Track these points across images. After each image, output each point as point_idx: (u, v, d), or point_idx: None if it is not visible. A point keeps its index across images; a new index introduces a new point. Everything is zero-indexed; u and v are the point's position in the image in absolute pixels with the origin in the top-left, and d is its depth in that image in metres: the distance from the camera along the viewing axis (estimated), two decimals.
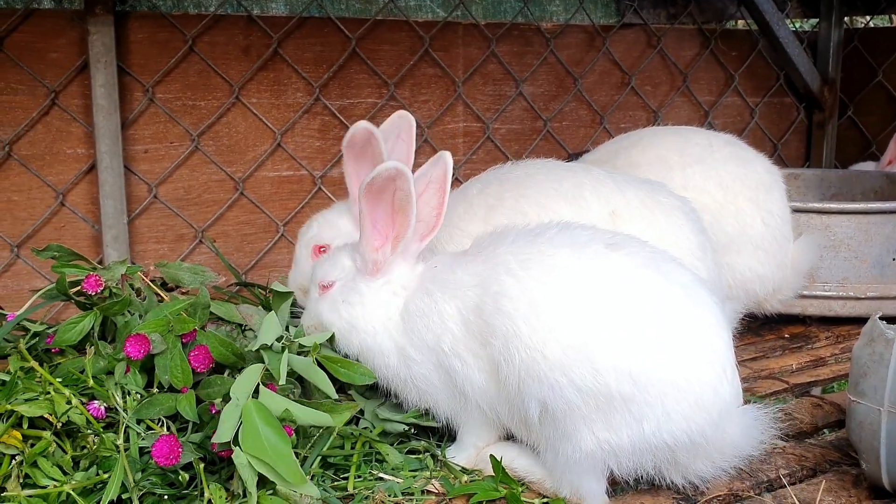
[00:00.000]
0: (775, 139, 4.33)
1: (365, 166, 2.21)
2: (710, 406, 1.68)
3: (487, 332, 1.76)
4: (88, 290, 2.04)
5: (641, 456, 1.69)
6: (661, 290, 1.72)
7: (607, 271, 1.73)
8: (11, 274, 2.84)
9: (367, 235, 1.92)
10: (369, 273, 1.96)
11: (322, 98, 3.24)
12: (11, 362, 1.90)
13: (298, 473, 1.61)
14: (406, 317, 1.92)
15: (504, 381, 1.75)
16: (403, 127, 2.37)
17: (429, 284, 1.92)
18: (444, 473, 1.91)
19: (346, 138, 2.17)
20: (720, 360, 1.71)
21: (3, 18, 2.74)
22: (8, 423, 1.69)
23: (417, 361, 1.90)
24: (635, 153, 2.75)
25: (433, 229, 1.99)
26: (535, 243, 1.81)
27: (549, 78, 3.74)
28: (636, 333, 1.66)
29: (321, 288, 2.04)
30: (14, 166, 2.82)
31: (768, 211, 2.69)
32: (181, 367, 1.86)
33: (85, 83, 2.84)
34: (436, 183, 1.97)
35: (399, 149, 2.36)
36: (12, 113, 2.80)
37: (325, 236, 2.34)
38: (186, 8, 3.04)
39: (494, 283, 1.78)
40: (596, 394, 1.64)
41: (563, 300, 1.70)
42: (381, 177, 1.81)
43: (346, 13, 3.31)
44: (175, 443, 1.66)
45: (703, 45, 4.10)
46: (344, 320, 1.98)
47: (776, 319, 3.02)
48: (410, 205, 1.85)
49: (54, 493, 1.61)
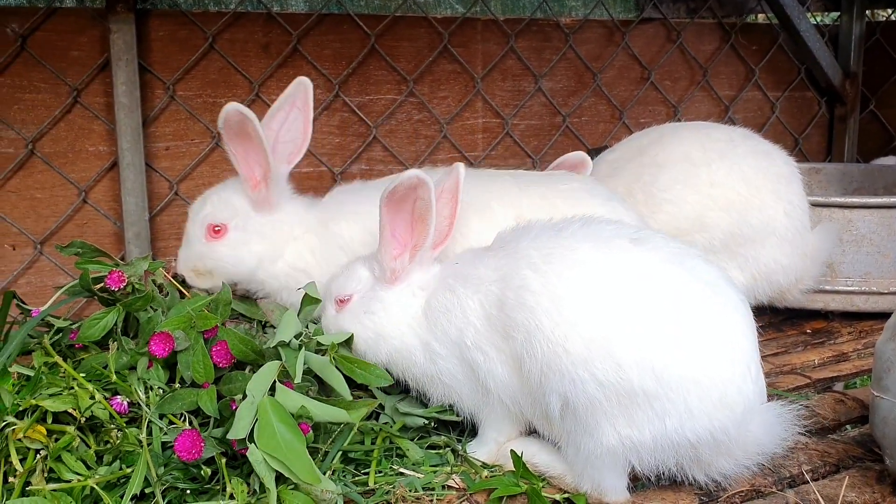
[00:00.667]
0: (796, 133, 4.30)
1: (247, 145, 2.22)
2: (733, 404, 1.66)
3: (510, 327, 1.76)
4: (111, 286, 2.06)
5: (663, 452, 1.68)
6: (686, 286, 1.71)
7: (631, 266, 1.72)
8: (35, 270, 2.87)
9: (386, 244, 1.94)
10: (388, 281, 1.98)
11: (341, 94, 3.25)
12: (36, 358, 1.92)
13: (313, 472, 1.61)
14: (429, 312, 1.93)
15: (526, 376, 1.75)
16: (299, 95, 2.33)
17: (451, 280, 1.92)
18: (465, 468, 1.91)
19: (220, 119, 2.17)
20: (745, 358, 1.70)
21: (25, 17, 2.77)
22: (33, 417, 1.70)
23: (442, 356, 1.91)
24: (659, 151, 2.76)
25: (445, 238, 2.02)
26: (557, 238, 1.81)
27: (568, 73, 3.73)
28: (659, 329, 1.65)
29: (338, 303, 2.05)
30: (37, 164, 2.85)
31: (790, 202, 2.71)
32: (203, 363, 1.88)
33: (106, 81, 2.87)
34: (448, 193, 2.00)
35: (294, 117, 2.33)
36: (35, 111, 2.83)
37: (220, 216, 2.32)
38: (206, 5, 3.06)
39: (517, 277, 1.77)
40: (618, 389, 1.63)
41: (586, 294, 1.69)
42: (402, 186, 1.84)
43: (365, 10, 3.32)
44: (197, 437, 1.67)
45: (724, 39, 4.07)
46: (370, 330, 1.99)
47: (798, 314, 3.01)
48: (430, 214, 1.87)
49: (78, 488, 1.62)
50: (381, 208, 1.88)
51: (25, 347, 2.02)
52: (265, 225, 2.32)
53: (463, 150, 3.49)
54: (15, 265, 2.84)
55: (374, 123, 3.31)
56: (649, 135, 2.90)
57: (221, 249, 2.30)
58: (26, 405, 1.71)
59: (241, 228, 2.30)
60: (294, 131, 2.32)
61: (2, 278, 2.84)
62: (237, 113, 2.13)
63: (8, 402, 1.71)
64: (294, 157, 2.34)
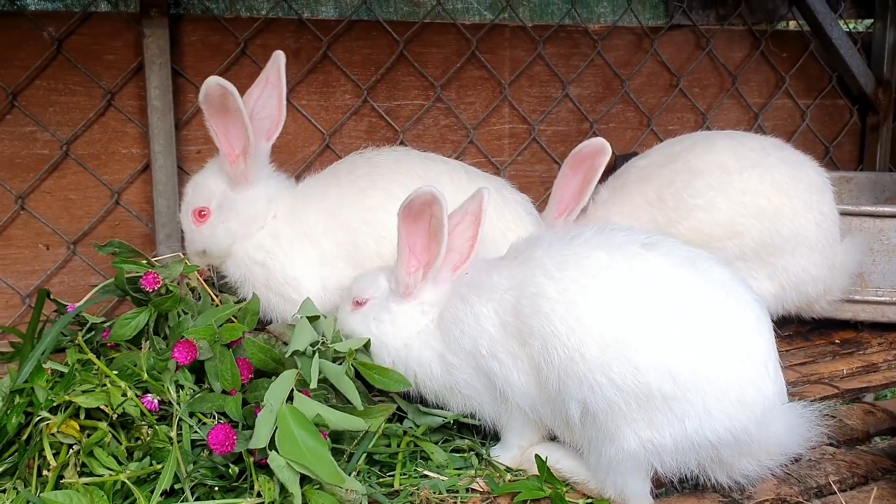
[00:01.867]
0: (827, 142, 4.26)
1: (227, 119, 2.25)
2: (752, 403, 1.67)
3: (526, 333, 1.78)
4: (146, 287, 2.11)
5: (685, 455, 1.68)
6: (699, 288, 1.72)
7: (644, 270, 1.74)
8: (68, 270, 2.92)
9: (403, 258, 1.98)
10: (401, 295, 2.02)
11: (370, 100, 3.27)
12: (69, 355, 1.96)
13: (337, 474, 1.62)
14: (442, 324, 1.97)
15: (545, 383, 1.77)
16: (272, 70, 2.35)
17: (463, 290, 1.95)
18: (489, 472, 1.92)
19: (202, 94, 2.19)
20: (761, 357, 1.71)
21: (61, 21, 2.82)
22: (66, 413, 1.74)
23: (457, 366, 1.93)
24: (692, 158, 2.77)
25: (466, 260, 2.03)
26: (571, 245, 1.83)
27: (596, 79, 3.73)
28: (674, 331, 1.66)
29: (355, 304, 2.10)
30: (71, 165, 2.90)
31: (821, 212, 2.70)
32: (231, 372, 1.91)
33: (140, 84, 2.91)
34: (472, 215, 2.01)
35: (268, 93, 2.36)
36: (70, 113, 2.88)
37: (200, 199, 2.38)
38: (239, 11, 3.09)
39: (531, 284, 1.80)
40: (636, 392, 1.64)
41: (601, 300, 1.71)
42: (417, 200, 1.87)
43: (394, 16, 3.34)
44: (230, 431, 1.70)
45: (754, 46, 4.04)
46: (374, 336, 2.04)
47: (826, 324, 2.98)
48: (442, 232, 1.90)
49: (110, 482, 1.65)
50: (399, 221, 1.91)
51: (59, 345, 2.06)
52: (240, 202, 2.36)
53: (489, 156, 3.50)
54: (48, 265, 2.89)
55: (401, 129, 3.33)
56: (682, 142, 2.90)
57: (205, 231, 2.37)
58: (60, 401, 1.75)
59: (219, 208, 2.36)
60: (269, 107, 2.35)
61: (35, 277, 2.89)
62: (218, 87, 2.15)
63: (42, 397, 1.75)
64: (272, 133, 2.38)
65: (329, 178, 2.45)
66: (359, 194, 2.34)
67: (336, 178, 2.42)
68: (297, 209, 2.38)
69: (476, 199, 2.01)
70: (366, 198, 2.33)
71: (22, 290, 2.86)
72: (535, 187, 3.54)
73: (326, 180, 2.44)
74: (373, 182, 2.36)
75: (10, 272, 2.87)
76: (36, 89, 2.83)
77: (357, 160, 2.48)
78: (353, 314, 2.10)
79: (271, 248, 2.35)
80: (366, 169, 2.41)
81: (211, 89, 2.16)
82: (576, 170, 2.70)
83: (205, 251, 2.39)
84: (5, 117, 2.81)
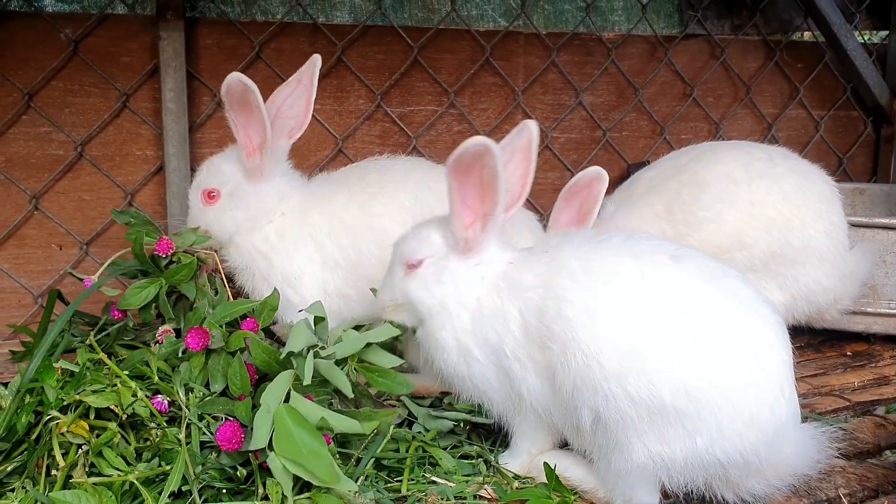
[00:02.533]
0: (841, 153, 4.24)
1: (247, 114, 2.27)
2: (765, 424, 1.65)
3: (547, 336, 1.76)
4: (160, 252, 2.14)
5: (693, 471, 1.67)
6: (722, 306, 1.70)
7: (669, 283, 1.71)
8: (81, 270, 2.92)
9: (456, 213, 1.87)
10: (461, 251, 1.91)
11: (383, 105, 3.28)
12: (80, 354, 1.96)
13: (333, 473, 1.62)
14: (477, 314, 1.90)
15: (559, 387, 1.75)
16: (306, 73, 2.37)
17: (500, 282, 1.89)
18: (497, 479, 1.91)
19: (223, 88, 2.22)
20: (778, 379, 1.68)
21: (78, 23, 2.84)
22: (76, 413, 1.74)
23: (478, 358, 1.89)
24: (700, 169, 2.75)
25: (519, 199, 1.96)
26: (599, 249, 1.80)
27: (610, 88, 3.73)
28: (694, 347, 1.64)
29: (408, 266, 1.96)
30: (85, 166, 2.92)
31: (831, 222, 2.69)
32: (240, 375, 1.91)
33: (155, 87, 2.93)
34: (521, 152, 1.94)
35: (298, 94, 2.38)
36: (85, 114, 2.90)
37: (213, 182, 2.39)
38: (254, 15, 3.11)
39: (557, 286, 1.77)
40: (650, 406, 1.63)
41: (623, 309, 1.69)
42: (467, 153, 1.77)
43: (409, 22, 3.35)
44: (239, 429, 1.71)
45: (768, 56, 4.04)
46: (436, 299, 1.92)
47: (838, 336, 2.96)
48: (498, 181, 1.79)
49: (118, 483, 1.65)
50: (448, 176, 1.81)
51: (68, 346, 2.07)
52: (252, 194, 2.37)
53: None
54: (61, 265, 2.91)
55: (414, 134, 3.34)
56: (688, 153, 2.89)
57: (210, 213, 2.38)
58: (70, 400, 1.76)
59: (230, 195, 2.37)
60: (297, 108, 2.38)
61: (48, 277, 2.90)
62: (239, 83, 2.19)
63: (52, 396, 1.76)
64: (294, 133, 2.41)
65: (339, 181, 2.46)
66: (366, 200, 2.35)
67: (346, 183, 2.43)
68: (305, 210, 2.39)
69: (524, 133, 1.93)
70: (372, 204, 2.33)
71: (34, 289, 2.88)
72: (548, 195, 3.53)
73: (336, 184, 2.45)
74: (381, 189, 2.36)
75: (24, 272, 2.88)
76: (52, 90, 2.85)
77: (369, 167, 2.48)
78: (410, 279, 1.95)
79: (276, 244, 2.36)
80: (376, 176, 2.41)
81: (233, 85, 2.20)
82: (570, 202, 2.51)
83: (207, 233, 2.39)
84: (21, 118, 2.83)
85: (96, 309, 2.28)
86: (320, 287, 2.34)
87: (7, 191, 2.83)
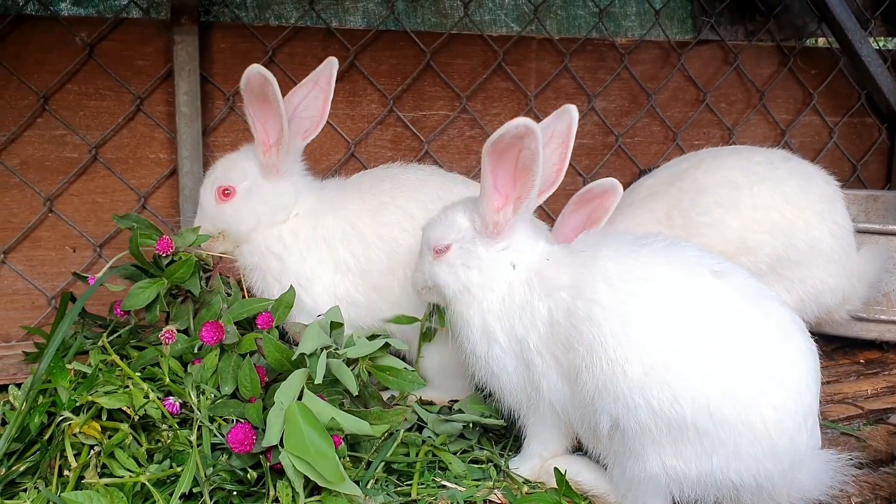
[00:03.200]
0: (855, 160, 4.22)
1: (265, 109, 2.26)
2: (783, 453, 1.61)
3: (574, 338, 1.73)
4: (160, 251, 2.14)
5: (705, 489, 1.64)
6: (758, 328, 1.65)
7: (705, 298, 1.67)
8: (94, 273, 2.92)
9: (488, 196, 1.85)
10: (489, 235, 1.90)
11: (395, 110, 3.29)
12: (93, 356, 1.98)
13: (339, 473, 1.63)
14: (507, 300, 1.89)
15: (581, 388, 1.73)
16: (324, 74, 2.38)
17: (533, 277, 1.87)
18: (507, 484, 1.91)
19: (243, 81, 2.20)
20: (803, 409, 1.64)
21: (94, 27, 2.86)
22: (88, 414, 1.75)
23: (500, 343, 1.88)
24: (700, 175, 2.75)
25: (553, 185, 1.94)
26: (637, 255, 1.77)
27: (622, 93, 3.72)
28: (723, 368, 1.60)
29: (436, 251, 1.97)
30: (99, 169, 2.93)
31: (835, 222, 2.67)
32: (250, 378, 1.91)
33: (169, 91, 2.95)
34: (559, 137, 1.90)
35: (315, 95, 2.38)
36: (99, 118, 2.92)
37: (230, 178, 2.37)
38: (268, 19, 3.12)
39: (589, 288, 1.74)
40: (670, 420, 1.60)
41: (655, 318, 1.65)
42: (508, 135, 1.74)
43: (422, 27, 3.36)
44: (250, 431, 1.71)
45: (782, 62, 4.02)
46: (461, 283, 1.92)
47: (851, 343, 2.95)
48: (536, 164, 1.77)
49: (130, 484, 1.66)
50: (484, 157, 1.79)
51: (80, 348, 2.09)
52: (269, 191, 2.36)
53: None
54: (74, 267, 2.92)
55: (426, 139, 3.34)
56: (689, 159, 2.88)
57: (227, 210, 2.36)
58: (83, 401, 1.77)
59: (247, 191, 2.35)
60: (313, 108, 2.38)
61: (61, 279, 2.92)
62: (259, 76, 2.18)
63: (65, 397, 1.77)
64: (310, 133, 2.40)
65: (353, 187, 2.46)
66: (378, 208, 2.35)
67: (359, 190, 2.42)
68: (318, 212, 2.39)
69: (564, 117, 1.90)
70: (384, 213, 2.33)
71: (48, 291, 2.89)
72: (560, 200, 3.49)
73: (350, 190, 2.45)
74: (393, 198, 2.36)
75: (37, 273, 2.90)
76: (67, 93, 2.87)
77: (383, 174, 2.48)
78: (437, 263, 1.96)
79: (290, 244, 2.35)
80: (389, 184, 2.41)
81: (252, 77, 2.19)
82: (580, 209, 2.41)
83: (223, 232, 2.38)
84: (36, 121, 2.85)
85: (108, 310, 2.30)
86: (330, 290, 2.34)
87: (22, 193, 2.85)
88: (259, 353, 2.04)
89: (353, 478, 1.79)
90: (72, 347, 2.11)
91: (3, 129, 2.81)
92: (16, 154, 2.84)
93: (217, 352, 1.98)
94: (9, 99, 2.81)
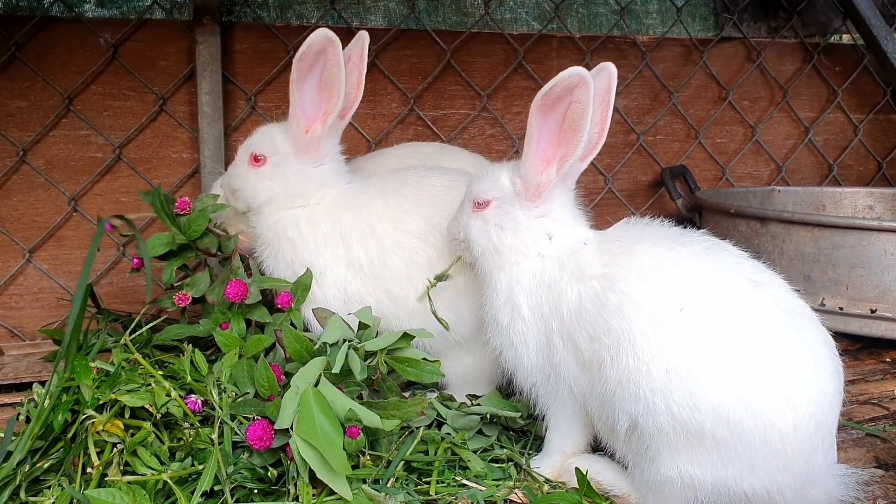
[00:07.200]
0: (880, 157, 4.17)
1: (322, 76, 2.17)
2: (797, 472, 1.59)
3: (602, 329, 1.70)
4: (179, 209, 2.23)
5: (718, 497, 1.62)
6: (789, 346, 1.61)
7: (738, 307, 1.63)
8: (117, 271, 2.98)
9: (531, 154, 1.80)
10: (529, 198, 1.86)
11: (416, 108, 3.29)
12: (115, 354, 1.99)
13: (344, 463, 1.64)
14: (537, 277, 1.86)
15: (602, 381, 1.70)
16: (355, 49, 2.30)
17: (567, 258, 1.83)
18: (528, 483, 1.90)
19: (303, 47, 2.08)
20: (823, 431, 1.61)
21: (118, 28, 2.88)
22: (111, 412, 1.77)
23: (524, 316, 1.85)
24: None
25: (595, 147, 1.89)
26: (676, 253, 1.72)
27: (644, 91, 3.70)
28: (748, 382, 1.57)
29: (475, 205, 1.92)
30: (123, 168, 2.96)
31: None
32: (267, 377, 1.92)
33: (191, 91, 2.97)
34: (599, 96, 1.85)
35: (349, 71, 2.29)
36: (123, 118, 2.94)
37: (262, 148, 2.32)
38: (289, 19, 3.13)
39: (623, 281, 1.70)
40: (689, 427, 1.58)
41: (685, 322, 1.62)
42: (560, 85, 1.67)
43: (442, 26, 3.36)
44: (268, 427, 1.72)
45: (806, 59, 3.98)
46: (492, 243, 1.89)
47: (877, 343, 2.91)
48: (585, 120, 1.69)
49: (152, 481, 1.67)
50: (532, 112, 1.73)
51: (102, 346, 2.11)
52: (297, 172, 2.30)
53: None
54: (99, 266, 2.95)
55: (447, 137, 3.34)
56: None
57: (249, 176, 2.31)
58: (105, 399, 1.78)
59: (275, 165, 2.30)
60: (348, 85, 2.29)
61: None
62: (325, 38, 2.05)
63: (88, 395, 1.78)
64: (347, 112, 2.32)
65: (377, 189, 2.43)
66: (399, 214, 2.31)
67: (383, 192, 2.39)
68: (339, 208, 2.37)
69: (603, 75, 1.85)
70: (405, 220, 2.30)
71: (73, 290, 2.92)
72: (580, 199, 3.51)
73: (374, 192, 2.42)
74: (416, 205, 2.33)
75: (62, 272, 2.93)
76: (91, 94, 2.90)
77: (409, 178, 2.42)
78: (474, 217, 1.92)
79: (306, 233, 2.32)
80: (413, 189, 2.37)
81: (317, 41, 2.06)
82: None
83: (237, 192, 2.34)
84: (61, 121, 2.88)
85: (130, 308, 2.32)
86: (341, 286, 2.31)
87: (47, 192, 2.89)
88: (279, 344, 2.05)
89: (373, 476, 1.80)
90: (94, 346, 2.13)
91: (29, 130, 2.85)
92: (41, 154, 2.87)
93: (236, 350, 2.00)
94: (34, 99, 2.84)
